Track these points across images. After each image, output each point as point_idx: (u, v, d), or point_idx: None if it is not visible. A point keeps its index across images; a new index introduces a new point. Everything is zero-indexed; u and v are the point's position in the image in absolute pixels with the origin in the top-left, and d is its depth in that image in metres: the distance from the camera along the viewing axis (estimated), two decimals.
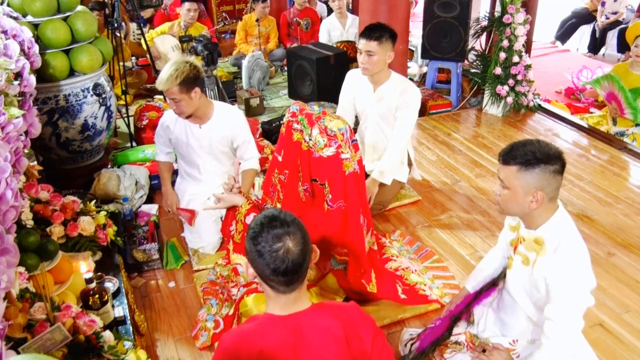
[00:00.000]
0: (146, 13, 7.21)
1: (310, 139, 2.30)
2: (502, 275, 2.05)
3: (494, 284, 2.09)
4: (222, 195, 2.43)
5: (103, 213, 2.56)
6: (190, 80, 2.70)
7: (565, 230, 1.74)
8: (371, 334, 1.48)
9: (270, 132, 4.25)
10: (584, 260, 1.72)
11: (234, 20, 6.95)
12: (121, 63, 4.21)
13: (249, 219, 2.31)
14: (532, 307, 1.88)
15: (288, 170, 2.38)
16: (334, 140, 2.26)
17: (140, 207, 3.27)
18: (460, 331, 2.11)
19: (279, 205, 2.43)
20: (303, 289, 1.45)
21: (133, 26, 5.91)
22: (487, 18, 4.78)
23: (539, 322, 1.88)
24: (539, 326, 1.88)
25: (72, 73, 3.10)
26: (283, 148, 2.41)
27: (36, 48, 2.51)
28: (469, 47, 4.91)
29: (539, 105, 4.79)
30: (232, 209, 2.45)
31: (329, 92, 4.63)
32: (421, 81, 5.42)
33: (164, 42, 5.52)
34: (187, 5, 5.59)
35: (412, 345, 2.17)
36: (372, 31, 3.03)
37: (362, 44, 3.05)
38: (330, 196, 2.31)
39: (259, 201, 2.49)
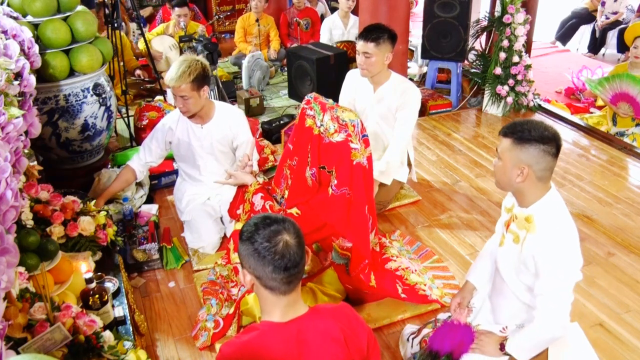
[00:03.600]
0: (145, 12, 7.20)
1: (321, 124, 2.33)
2: None
3: None
4: (235, 172, 2.50)
5: (103, 213, 2.55)
6: (201, 78, 2.72)
7: (555, 210, 1.78)
8: (365, 331, 1.50)
9: (270, 132, 4.25)
10: (573, 239, 1.76)
11: (230, 12, 6.92)
12: (121, 63, 4.21)
13: (256, 198, 2.38)
14: (521, 286, 1.89)
15: (298, 157, 2.41)
16: (344, 129, 2.30)
17: (140, 207, 3.27)
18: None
19: (287, 193, 2.45)
20: (299, 290, 1.43)
21: (133, 26, 5.92)
22: (487, 18, 4.78)
23: (529, 303, 1.88)
24: (528, 307, 1.89)
25: (72, 73, 3.10)
26: (295, 136, 2.44)
27: (36, 48, 2.50)
28: (469, 47, 4.91)
29: (539, 105, 4.79)
30: (241, 190, 2.49)
31: (329, 92, 4.56)
32: (421, 81, 5.43)
33: (162, 42, 5.52)
34: (177, 10, 5.61)
35: (413, 338, 2.17)
36: (370, 33, 3.03)
37: (360, 46, 3.05)
38: (335, 181, 2.33)
39: (268, 185, 2.52)
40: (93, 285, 2.00)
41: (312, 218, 2.36)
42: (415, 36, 5.74)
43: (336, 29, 5.84)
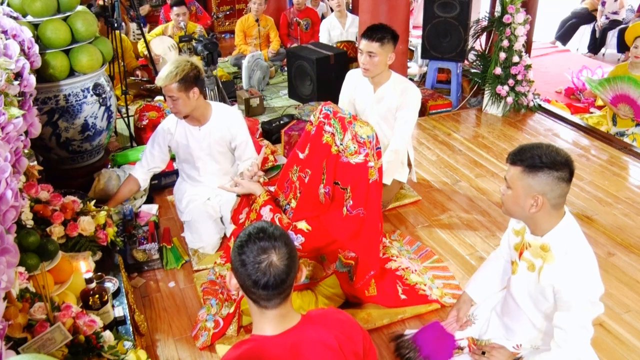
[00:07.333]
0: (143, 10, 7.19)
1: (341, 144, 2.29)
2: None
3: None
4: (242, 181, 2.41)
5: (103, 213, 2.55)
6: (190, 80, 2.70)
7: (572, 238, 1.72)
8: (360, 334, 1.47)
9: (270, 132, 4.25)
10: (593, 268, 1.70)
11: (228, 11, 6.89)
12: (122, 63, 4.21)
13: (264, 210, 2.31)
14: (538, 314, 1.86)
15: (310, 170, 2.36)
16: (363, 148, 2.26)
17: (140, 207, 3.27)
18: (463, 336, 2.10)
19: (293, 202, 2.42)
20: (288, 305, 1.38)
21: (133, 26, 5.91)
22: (487, 18, 4.78)
23: (545, 329, 1.85)
24: (545, 333, 1.86)
25: (72, 73, 3.09)
26: (308, 147, 2.38)
27: (36, 48, 2.50)
28: (469, 47, 4.91)
29: (539, 105, 4.79)
30: (245, 197, 2.45)
31: (329, 92, 4.62)
32: (421, 81, 5.42)
33: (161, 42, 5.52)
34: (175, 10, 5.61)
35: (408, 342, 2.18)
36: (375, 32, 3.02)
37: (364, 45, 3.05)
38: (351, 202, 2.30)
39: (276, 196, 2.49)
40: (93, 285, 2.00)
41: (323, 235, 2.33)
42: (415, 36, 5.73)
43: (334, 30, 5.84)
